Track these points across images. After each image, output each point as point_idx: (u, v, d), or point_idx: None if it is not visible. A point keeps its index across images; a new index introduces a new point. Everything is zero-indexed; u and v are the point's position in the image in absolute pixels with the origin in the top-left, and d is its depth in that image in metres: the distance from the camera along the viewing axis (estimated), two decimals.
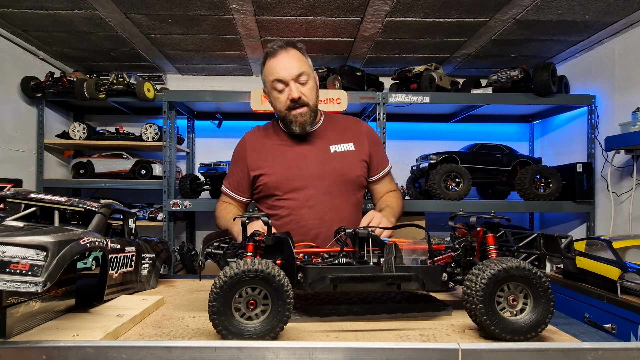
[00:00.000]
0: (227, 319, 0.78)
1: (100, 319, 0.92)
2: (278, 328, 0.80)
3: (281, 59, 1.58)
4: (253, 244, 0.94)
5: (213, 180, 3.22)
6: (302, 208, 1.62)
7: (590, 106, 3.07)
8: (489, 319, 0.80)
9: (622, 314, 1.78)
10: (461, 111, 3.53)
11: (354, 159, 1.70)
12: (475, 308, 0.81)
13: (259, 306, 0.82)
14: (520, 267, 0.82)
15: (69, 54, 3.34)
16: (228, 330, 0.78)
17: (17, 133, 3.09)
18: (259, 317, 0.81)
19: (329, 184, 1.64)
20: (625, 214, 2.74)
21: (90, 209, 1.09)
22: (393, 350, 0.72)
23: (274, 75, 1.59)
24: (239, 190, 1.77)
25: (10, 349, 0.73)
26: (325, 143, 1.71)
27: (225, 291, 0.78)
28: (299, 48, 1.64)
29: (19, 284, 0.71)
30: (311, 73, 1.64)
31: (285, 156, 1.68)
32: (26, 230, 0.83)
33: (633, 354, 0.73)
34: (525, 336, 0.81)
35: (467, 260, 0.98)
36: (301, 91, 1.59)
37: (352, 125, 1.81)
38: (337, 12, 2.56)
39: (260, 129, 1.86)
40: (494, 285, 0.81)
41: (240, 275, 0.79)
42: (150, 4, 2.45)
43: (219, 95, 3.13)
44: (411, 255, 0.96)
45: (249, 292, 0.81)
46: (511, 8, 2.47)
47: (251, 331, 0.79)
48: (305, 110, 1.62)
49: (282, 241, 0.94)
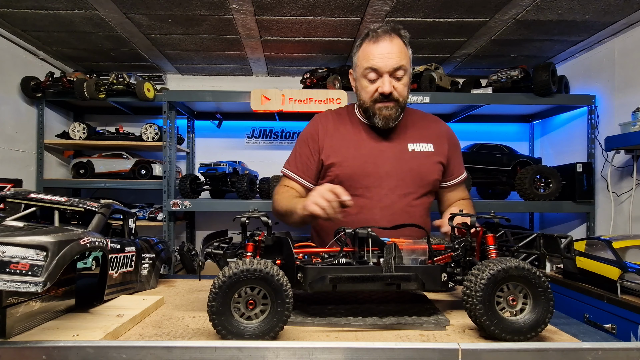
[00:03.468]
0: (227, 318, 0.79)
1: (100, 319, 0.92)
2: (277, 328, 0.80)
3: (382, 47, 1.42)
4: (253, 244, 0.94)
5: (213, 180, 3.22)
6: (374, 208, 1.50)
7: (590, 106, 3.07)
8: (489, 319, 0.80)
9: (622, 314, 1.78)
10: (461, 111, 3.53)
11: (432, 161, 1.57)
12: (475, 308, 0.81)
13: (258, 306, 0.82)
14: (520, 267, 0.82)
15: (69, 54, 3.34)
16: (227, 330, 0.78)
17: (17, 133, 3.09)
18: (259, 317, 0.81)
19: (404, 186, 1.52)
20: (625, 214, 2.74)
21: (90, 209, 1.09)
22: (393, 350, 0.72)
23: (369, 63, 1.44)
24: (307, 174, 1.60)
25: (10, 349, 0.73)
26: (404, 140, 1.57)
27: (224, 291, 0.78)
28: (403, 37, 1.48)
29: (19, 284, 0.71)
30: (409, 68, 1.49)
31: (360, 149, 1.54)
32: (26, 230, 0.83)
33: (633, 354, 0.73)
34: (525, 336, 0.81)
35: (466, 260, 0.98)
36: (394, 86, 1.44)
37: (432, 124, 1.67)
38: (337, 12, 2.56)
39: (333, 113, 1.68)
40: (493, 286, 0.81)
41: (239, 275, 0.79)
42: (150, 4, 2.45)
43: (219, 95, 3.13)
44: (411, 255, 0.96)
45: (248, 292, 0.81)
46: (511, 8, 2.47)
47: (250, 331, 0.79)
48: (393, 105, 1.48)
49: (281, 241, 0.94)
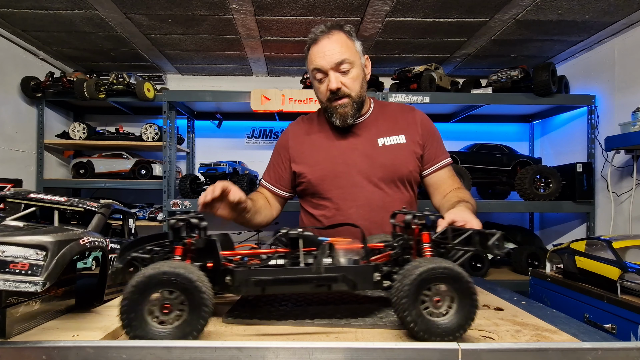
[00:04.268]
0: (138, 320, 0.76)
1: (100, 319, 0.92)
2: (190, 336, 0.77)
3: (321, 46, 1.43)
4: (182, 247, 0.89)
5: (213, 180, 3.22)
6: (350, 207, 1.49)
7: (590, 106, 3.07)
8: (412, 319, 0.79)
9: (622, 314, 1.78)
10: (461, 111, 3.53)
11: (405, 153, 1.53)
12: (401, 308, 0.80)
13: (174, 311, 0.78)
14: (444, 267, 0.79)
15: (69, 54, 3.34)
16: (136, 332, 0.76)
17: (17, 133, 3.09)
18: (173, 323, 0.78)
19: (378, 181, 1.50)
20: (625, 214, 2.74)
21: (90, 209, 1.09)
22: (393, 350, 0.72)
23: (313, 64, 1.45)
24: (281, 183, 1.63)
25: (10, 349, 0.73)
26: (374, 135, 1.55)
27: (139, 291, 0.75)
28: (345, 31, 1.46)
29: (19, 284, 0.71)
30: (356, 60, 1.46)
31: (329, 150, 1.54)
32: (26, 230, 0.83)
33: (633, 354, 0.73)
34: (444, 338, 0.79)
35: (404, 259, 0.95)
36: (341, 81, 1.44)
37: (405, 114, 1.62)
38: (337, 12, 2.56)
39: (304, 120, 1.70)
40: (417, 287, 0.79)
41: (154, 277, 0.76)
42: (150, 4, 2.45)
43: (219, 95, 3.13)
44: (347, 255, 0.93)
45: (164, 295, 0.78)
46: (511, 8, 2.47)
47: (160, 336, 0.76)
48: (347, 101, 1.46)
49: (211, 244, 0.90)
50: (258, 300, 1.09)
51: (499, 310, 1.08)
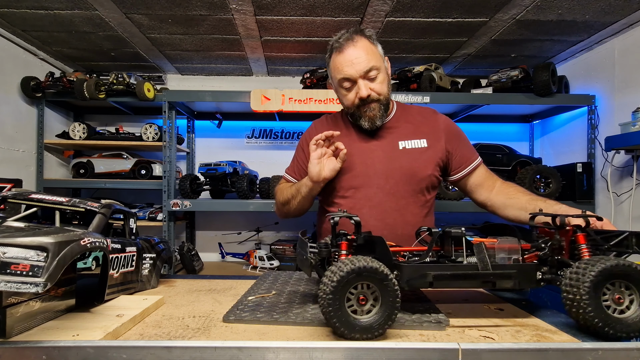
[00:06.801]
0: (341, 313, 0.80)
1: (100, 319, 0.92)
2: (386, 325, 0.82)
3: (348, 54, 1.43)
4: (346, 243, 0.93)
5: (213, 180, 3.22)
6: (363, 208, 1.50)
7: (590, 106, 3.08)
8: (597, 317, 0.80)
9: None
10: (461, 111, 3.53)
11: (425, 157, 1.54)
12: (581, 306, 0.81)
13: (369, 302, 0.83)
14: (623, 265, 0.82)
15: (69, 54, 3.34)
16: (341, 323, 0.80)
17: (17, 133, 3.10)
18: (369, 313, 0.83)
19: (394, 184, 1.51)
20: (625, 214, 2.74)
21: (91, 209, 1.09)
22: (393, 350, 0.72)
23: (341, 74, 1.46)
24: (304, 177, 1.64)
25: (10, 349, 0.73)
26: (395, 138, 1.56)
27: (342, 285, 0.80)
28: (368, 36, 1.48)
29: (20, 285, 0.71)
30: (382, 64, 1.48)
31: (349, 151, 1.53)
32: (27, 231, 0.83)
33: (633, 354, 0.73)
34: (632, 334, 0.81)
35: (554, 259, 0.97)
36: (370, 87, 1.45)
37: (428, 118, 1.63)
38: (337, 12, 2.56)
39: (328, 119, 1.72)
40: (601, 283, 0.81)
41: (355, 271, 0.80)
42: (150, 4, 2.45)
43: (219, 95, 3.13)
44: (500, 254, 0.96)
45: (359, 288, 0.83)
46: (511, 8, 2.47)
47: (362, 325, 0.81)
48: (375, 105, 1.49)
49: (374, 240, 0.95)
50: (258, 301, 1.09)
51: (499, 310, 1.08)
